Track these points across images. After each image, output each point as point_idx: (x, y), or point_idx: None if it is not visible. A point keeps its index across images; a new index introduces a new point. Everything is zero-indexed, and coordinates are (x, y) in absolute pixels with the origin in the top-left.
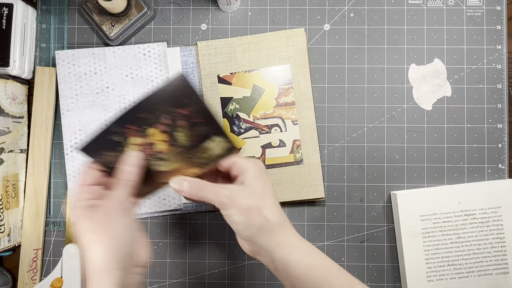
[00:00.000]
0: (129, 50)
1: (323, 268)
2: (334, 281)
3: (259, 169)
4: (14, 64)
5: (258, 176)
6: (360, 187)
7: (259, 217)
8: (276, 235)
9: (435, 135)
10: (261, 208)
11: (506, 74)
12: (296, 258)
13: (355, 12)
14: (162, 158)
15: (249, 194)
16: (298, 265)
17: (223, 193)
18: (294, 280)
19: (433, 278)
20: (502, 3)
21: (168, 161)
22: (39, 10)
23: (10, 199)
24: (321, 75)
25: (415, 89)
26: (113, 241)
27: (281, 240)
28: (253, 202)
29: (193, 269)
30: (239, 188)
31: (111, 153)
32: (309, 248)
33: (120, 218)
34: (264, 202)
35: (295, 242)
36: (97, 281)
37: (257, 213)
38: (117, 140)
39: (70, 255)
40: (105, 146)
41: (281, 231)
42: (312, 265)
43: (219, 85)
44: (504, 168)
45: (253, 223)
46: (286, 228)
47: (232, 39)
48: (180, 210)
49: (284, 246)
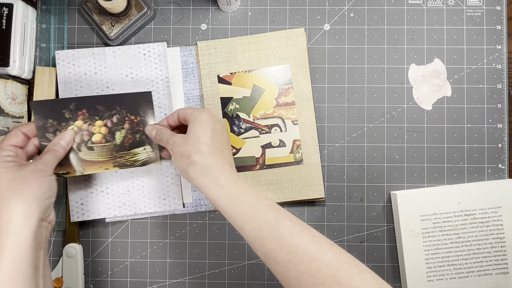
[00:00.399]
0: (129, 50)
1: (247, 205)
2: (258, 216)
3: (202, 119)
4: (14, 64)
5: (200, 126)
6: (360, 187)
7: (187, 161)
8: (203, 176)
9: (435, 135)
10: (190, 153)
11: (506, 74)
12: (220, 196)
13: (355, 12)
14: (91, 147)
15: (185, 142)
16: (222, 203)
17: (170, 141)
18: (226, 216)
19: (433, 278)
20: (502, 3)
21: (93, 151)
22: (39, 10)
23: None
24: (321, 75)
25: (415, 89)
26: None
27: (207, 180)
28: (185, 148)
29: (193, 269)
30: (181, 136)
31: (54, 124)
32: (236, 186)
33: (45, 178)
34: (195, 147)
35: (220, 182)
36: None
37: (187, 157)
38: (67, 117)
39: (70, 255)
40: (54, 116)
41: (207, 172)
42: (235, 203)
43: (219, 85)
44: (504, 168)
45: (184, 166)
46: (214, 169)
47: (232, 39)
48: (180, 210)
49: (210, 186)
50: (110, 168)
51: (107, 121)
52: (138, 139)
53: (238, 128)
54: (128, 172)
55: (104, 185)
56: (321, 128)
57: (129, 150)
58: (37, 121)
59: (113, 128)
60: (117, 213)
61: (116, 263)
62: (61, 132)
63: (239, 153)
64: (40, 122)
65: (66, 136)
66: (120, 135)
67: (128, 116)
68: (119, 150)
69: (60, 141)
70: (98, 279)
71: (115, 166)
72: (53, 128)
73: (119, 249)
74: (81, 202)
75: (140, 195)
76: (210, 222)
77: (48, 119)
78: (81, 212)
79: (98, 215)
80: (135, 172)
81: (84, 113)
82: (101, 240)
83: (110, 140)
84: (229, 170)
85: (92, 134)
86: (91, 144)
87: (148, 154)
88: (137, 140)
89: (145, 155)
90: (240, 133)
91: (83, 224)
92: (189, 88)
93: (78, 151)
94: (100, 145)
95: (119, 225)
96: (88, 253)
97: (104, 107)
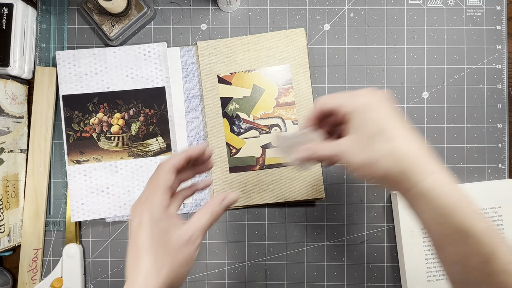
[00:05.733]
0: (129, 50)
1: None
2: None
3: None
4: (14, 64)
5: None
6: (360, 187)
7: (372, 172)
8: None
9: (435, 135)
10: (371, 162)
11: (506, 74)
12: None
13: (355, 12)
14: (109, 137)
15: (359, 149)
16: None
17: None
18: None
19: (433, 278)
20: (502, 3)
21: (111, 141)
22: (39, 10)
23: (10, 199)
24: (321, 75)
25: None
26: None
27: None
28: (362, 157)
29: (193, 269)
30: (347, 142)
31: (79, 115)
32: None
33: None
34: (374, 152)
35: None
36: None
37: (369, 167)
38: (90, 110)
39: (70, 255)
40: (80, 108)
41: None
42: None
43: (219, 85)
44: (504, 168)
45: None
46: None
47: (232, 39)
48: (180, 210)
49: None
50: (125, 157)
51: (125, 114)
52: (151, 130)
53: (238, 128)
54: (128, 172)
55: (105, 185)
56: None
57: (142, 140)
58: (66, 113)
59: (129, 120)
60: (117, 213)
61: (116, 263)
62: (84, 123)
63: (239, 153)
64: (68, 114)
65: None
66: (135, 126)
67: (143, 109)
68: (134, 141)
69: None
70: (98, 279)
71: (129, 155)
72: (78, 119)
73: (119, 249)
74: (81, 202)
75: None
76: None
77: (75, 110)
78: (81, 212)
79: (98, 215)
80: (135, 172)
81: (105, 106)
82: (101, 240)
83: (126, 131)
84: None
85: (110, 125)
86: (110, 134)
87: (160, 145)
88: (150, 131)
89: (157, 145)
90: (240, 133)
91: (83, 224)
92: (189, 88)
93: (97, 141)
94: (117, 135)
95: (119, 225)
96: (88, 253)
97: (123, 101)
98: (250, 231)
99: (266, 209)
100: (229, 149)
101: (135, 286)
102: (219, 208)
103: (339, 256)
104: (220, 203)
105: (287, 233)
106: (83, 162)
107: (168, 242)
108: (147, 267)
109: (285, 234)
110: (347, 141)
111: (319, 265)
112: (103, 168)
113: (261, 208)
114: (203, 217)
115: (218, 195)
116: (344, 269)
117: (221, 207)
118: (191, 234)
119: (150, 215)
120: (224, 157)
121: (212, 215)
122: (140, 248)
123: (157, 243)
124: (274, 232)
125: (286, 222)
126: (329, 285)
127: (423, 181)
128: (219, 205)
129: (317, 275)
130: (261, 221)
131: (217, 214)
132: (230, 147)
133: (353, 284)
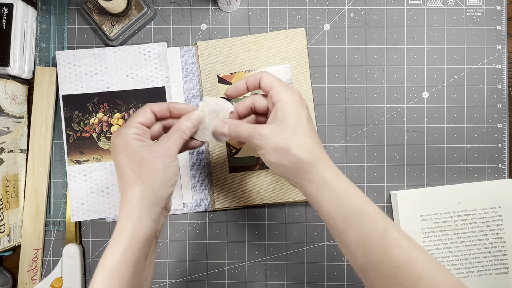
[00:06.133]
0: (129, 50)
1: (355, 209)
2: (365, 222)
3: (293, 101)
4: (14, 64)
5: (290, 110)
6: (360, 187)
7: (288, 156)
8: (307, 173)
9: (435, 135)
10: (290, 147)
11: (506, 74)
12: (326, 196)
13: (355, 12)
14: (109, 137)
15: (278, 133)
16: (328, 203)
17: (255, 135)
18: (325, 216)
19: None
20: (502, 3)
21: (111, 141)
22: (39, 10)
23: (10, 199)
24: (321, 75)
25: None
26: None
27: (312, 177)
28: (282, 142)
29: (193, 269)
30: (270, 128)
31: (79, 115)
32: (343, 186)
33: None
34: (293, 140)
35: (327, 180)
36: (138, 217)
37: (286, 152)
38: (90, 109)
39: (70, 255)
40: (79, 107)
41: (312, 169)
42: (341, 204)
43: (219, 85)
44: (504, 168)
45: (283, 163)
46: (319, 165)
47: (232, 39)
48: (180, 210)
49: (315, 183)
50: None
51: (125, 114)
52: None
53: None
54: None
55: (105, 185)
56: (321, 128)
57: None
58: (66, 113)
59: None
60: (117, 213)
61: None
62: (84, 123)
63: (239, 153)
64: (68, 114)
65: (192, 117)
66: None
67: None
68: None
69: (187, 122)
70: None
71: None
72: (78, 119)
73: None
74: (81, 202)
75: None
76: (210, 222)
77: (75, 110)
78: (81, 212)
79: (98, 215)
80: None
81: (105, 106)
82: (101, 240)
83: None
84: (333, 166)
85: (110, 125)
86: (110, 134)
87: None
88: None
89: None
90: None
91: (83, 224)
92: (189, 88)
93: (97, 141)
94: None
95: None
96: (88, 253)
97: (123, 101)
98: (250, 231)
99: (266, 209)
100: (229, 149)
101: (123, 197)
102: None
103: (339, 256)
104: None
105: (287, 233)
106: (83, 162)
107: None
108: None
109: (285, 234)
110: (270, 127)
111: (319, 265)
112: (103, 168)
113: (261, 208)
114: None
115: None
116: (344, 269)
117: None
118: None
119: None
120: (224, 157)
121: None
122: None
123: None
124: (274, 232)
125: (286, 222)
126: (329, 285)
127: (325, 171)
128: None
129: (317, 275)
130: (261, 221)
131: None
132: (230, 147)
133: (353, 284)
